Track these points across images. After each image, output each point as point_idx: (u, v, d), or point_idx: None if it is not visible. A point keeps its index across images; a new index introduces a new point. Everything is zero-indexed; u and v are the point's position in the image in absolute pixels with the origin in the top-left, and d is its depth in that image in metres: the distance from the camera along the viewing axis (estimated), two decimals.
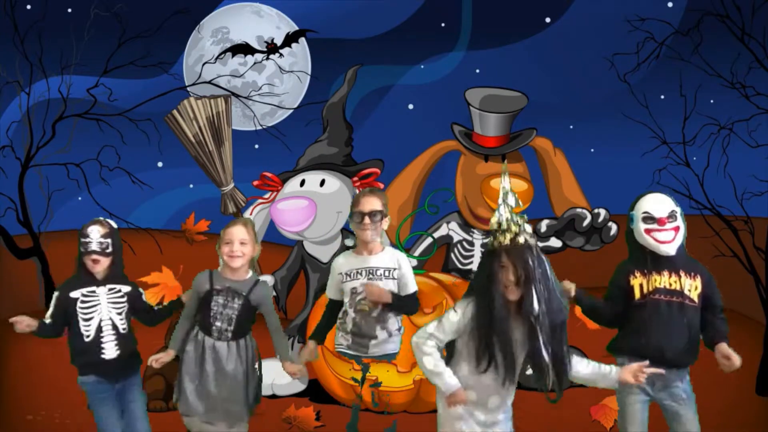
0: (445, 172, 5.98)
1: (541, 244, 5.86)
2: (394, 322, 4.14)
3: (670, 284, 3.87)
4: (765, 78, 5.82)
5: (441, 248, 5.95)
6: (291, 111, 6.08)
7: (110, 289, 4.18)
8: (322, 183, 5.92)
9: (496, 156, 5.95)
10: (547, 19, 6.02)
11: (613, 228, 5.78)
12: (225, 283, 4.12)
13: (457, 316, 3.40)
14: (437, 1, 6.07)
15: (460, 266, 5.92)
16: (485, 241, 5.93)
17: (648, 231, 3.91)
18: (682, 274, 3.89)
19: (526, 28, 6.01)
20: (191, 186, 6.06)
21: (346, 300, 4.15)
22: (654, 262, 3.91)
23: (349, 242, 4.42)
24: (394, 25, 6.02)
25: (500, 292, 3.28)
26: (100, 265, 4.14)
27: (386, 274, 4.10)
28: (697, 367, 4.13)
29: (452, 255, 5.94)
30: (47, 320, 4.22)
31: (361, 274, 4.11)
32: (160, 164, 6.03)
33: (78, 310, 4.13)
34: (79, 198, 6.03)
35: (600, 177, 5.82)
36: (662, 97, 5.89)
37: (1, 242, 6.01)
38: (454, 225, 5.94)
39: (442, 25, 6.06)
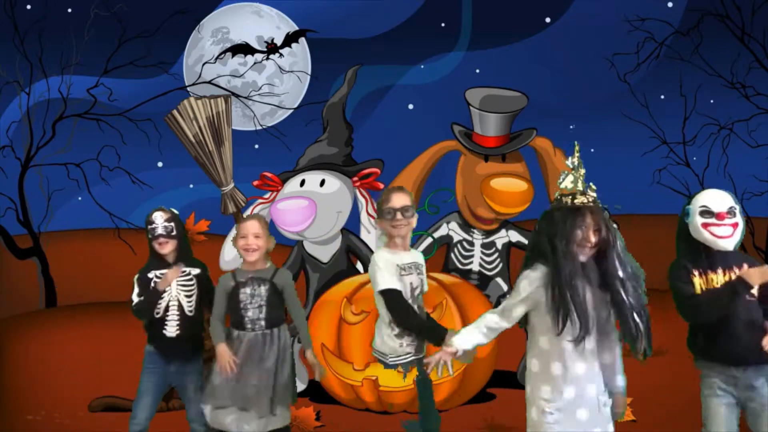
0: (445, 172, 5.98)
1: None
2: None
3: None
4: (765, 78, 5.83)
5: (441, 248, 5.94)
6: (291, 111, 6.08)
7: (181, 272, 4.41)
8: (322, 183, 5.92)
9: (496, 156, 5.95)
10: (547, 19, 6.03)
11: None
12: (248, 274, 4.27)
13: (527, 284, 3.35)
14: (437, 1, 6.07)
15: (460, 266, 5.92)
16: (485, 241, 5.92)
17: (705, 225, 3.77)
18: (736, 270, 3.74)
19: (526, 28, 6.01)
20: (191, 186, 6.06)
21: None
22: (708, 259, 3.77)
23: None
24: (394, 25, 6.02)
25: (575, 251, 3.26)
26: (168, 247, 4.39)
27: (423, 271, 4.04)
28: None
29: (452, 255, 5.94)
30: (136, 298, 4.42)
31: (412, 269, 3.98)
32: (160, 164, 6.04)
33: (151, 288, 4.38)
34: (79, 198, 6.03)
35: (600, 177, 5.80)
36: (662, 97, 5.90)
37: (1, 242, 6.01)
38: (454, 225, 5.94)
39: (442, 25, 6.06)
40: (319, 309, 5.71)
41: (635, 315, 3.27)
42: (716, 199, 3.83)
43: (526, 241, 5.91)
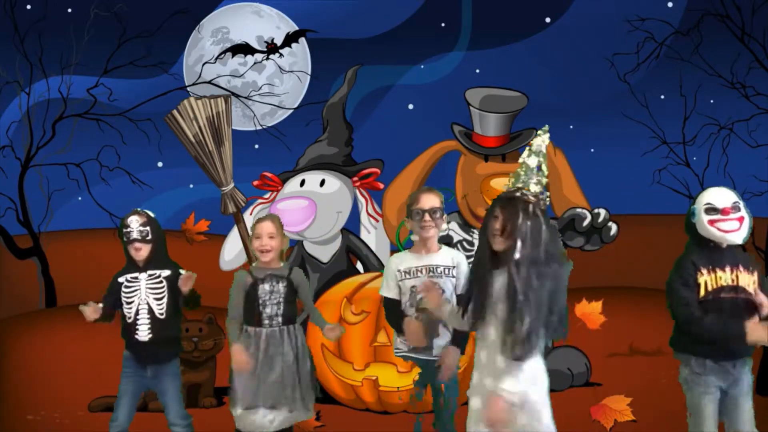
0: (445, 172, 5.98)
1: None
2: None
3: (732, 281, 3.82)
4: (765, 78, 5.83)
5: None
6: (291, 111, 6.07)
7: (150, 275, 4.39)
8: (322, 183, 5.92)
9: (496, 156, 5.95)
10: (547, 19, 6.02)
11: (613, 228, 5.78)
12: (266, 272, 4.35)
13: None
14: (437, 1, 6.06)
15: None
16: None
17: (712, 222, 3.83)
18: (742, 269, 3.84)
19: (526, 28, 6.01)
20: (191, 186, 6.06)
21: (405, 299, 4.08)
22: (716, 257, 3.85)
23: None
24: (394, 25, 6.02)
25: (487, 240, 3.34)
26: (142, 253, 4.38)
27: (446, 272, 4.06)
28: None
29: None
30: (99, 304, 4.42)
31: (421, 272, 4.06)
32: (160, 164, 6.03)
33: (122, 293, 4.37)
34: (79, 198, 6.03)
35: (600, 177, 5.82)
36: (662, 97, 5.89)
37: (1, 242, 6.01)
38: (454, 225, 5.94)
39: (442, 25, 6.06)
40: (319, 309, 5.69)
41: (517, 297, 3.17)
42: (720, 195, 3.91)
43: None
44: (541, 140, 3.51)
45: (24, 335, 5.91)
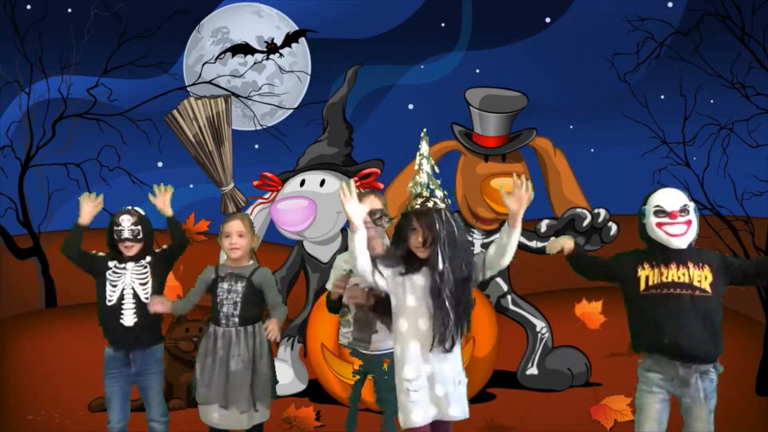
0: (445, 172, 5.97)
1: (540, 244, 5.90)
2: None
3: (679, 277, 3.80)
4: (765, 78, 5.83)
5: None
6: (291, 111, 6.08)
7: (137, 263, 4.46)
8: (322, 183, 5.92)
9: (496, 156, 5.95)
10: (547, 19, 6.02)
11: (613, 228, 5.78)
12: (228, 270, 4.36)
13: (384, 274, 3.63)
14: (437, 1, 6.07)
15: None
16: (485, 241, 5.94)
17: (659, 224, 3.83)
18: (691, 265, 3.81)
19: (526, 28, 6.01)
20: (191, 186, 6.06)
21: (346, 296, 4.19)
22: (663, 255, 3.84)
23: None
24: (394, 25, 6.02)
25: (409, 251, 3.55)
26: (133, 251, 4.45)
27: None
28: None
29: None
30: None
31: None
32: (160, 164, 6.04)
33: (107, 276, 4.43)
34: (79, 198, 6.02)
35: (600, 177, 5.82)
36: (662, 97, 5.89)
37: (1, 242, 6.02)
38: None
39: (442, 25, 6.06)
40: (319, 309, 5.70)
41: (447, 302, 3.47)
42: (669, 197, 3.89)
43: (525, 241, 5.92)
44: (426, 142, 3.71)
45: (24, 335, 5.92)
